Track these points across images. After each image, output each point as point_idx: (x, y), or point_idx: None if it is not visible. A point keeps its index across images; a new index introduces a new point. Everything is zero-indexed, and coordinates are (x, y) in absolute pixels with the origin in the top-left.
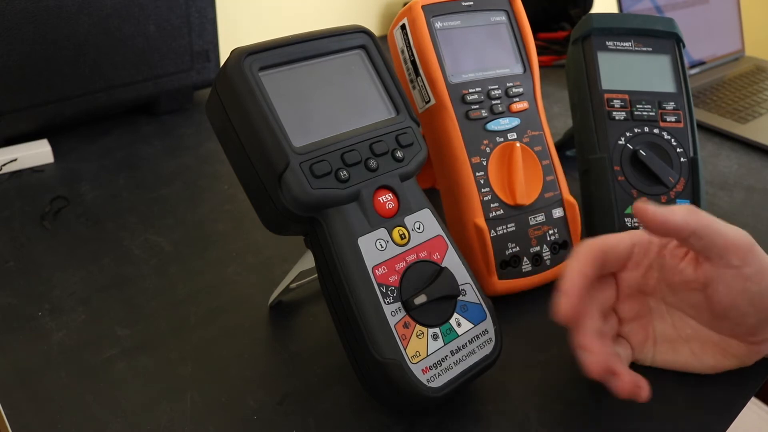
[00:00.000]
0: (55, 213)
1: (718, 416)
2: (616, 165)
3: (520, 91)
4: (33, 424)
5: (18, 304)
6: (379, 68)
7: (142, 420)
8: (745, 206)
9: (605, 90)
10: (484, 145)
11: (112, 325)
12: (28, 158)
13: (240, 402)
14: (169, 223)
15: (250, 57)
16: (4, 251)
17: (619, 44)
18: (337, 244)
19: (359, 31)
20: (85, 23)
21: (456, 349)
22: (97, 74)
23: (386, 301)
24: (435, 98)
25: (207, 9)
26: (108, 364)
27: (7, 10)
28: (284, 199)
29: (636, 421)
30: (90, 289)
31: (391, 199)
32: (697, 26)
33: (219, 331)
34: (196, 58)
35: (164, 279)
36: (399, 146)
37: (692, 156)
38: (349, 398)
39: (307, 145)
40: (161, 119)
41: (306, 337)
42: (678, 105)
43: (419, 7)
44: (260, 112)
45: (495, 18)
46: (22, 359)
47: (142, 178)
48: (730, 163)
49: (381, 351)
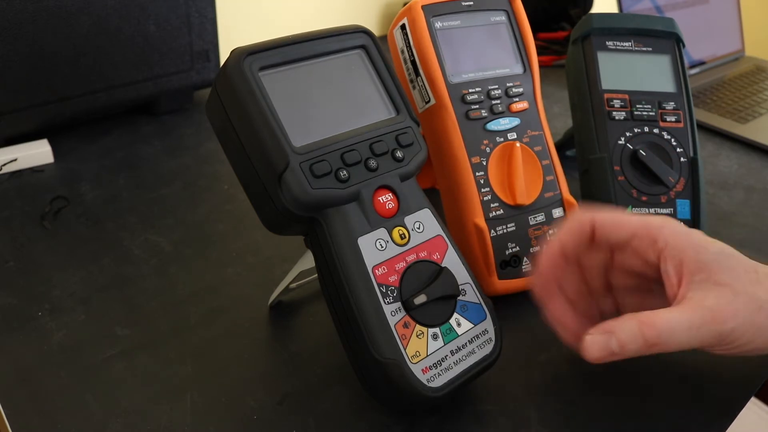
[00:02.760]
0: (55, 213)
1: (718, 416)
2: (616, 165)
3: (520, 91)
4: (33, 424)
5: (18, 304)
6: (379, 68)
7: (142, 420)
8: (745, 206)
9: (605, 90)
10: (484, 145)
11: (112, 325)
12: (28, 158)
13: (240, 402)
14: (169, 223)
15: (250, 57)
16: (4, 251)
17: (619, 44)
18: (337, 244)
19: (359, 31)
20: (85, 23)
21: (456, 349)
22: (97, 74)
23: (386, 301)
24: (435, 98)
25: (207, 9)
26: (108, 364)
27: (7, 10)
28: (284, 199)
29: (636, 420)
30: (90, 289)
31: (391, 199)
32: (697, 26)
33: (219, 331)
34: (196, 58)
35: (164, 279)
36: (399, 146)
37: (692, 156)
38: (349, 398)
39: (307, 145)
40: (161, 119)
41: (306, 337)
42: (678, 105)
43: (419, 7)
44: (260, 112)
45: (495, 18)
46: (22, 359)
47: (142, 178)
48: (730, 163)
49: (381, 351)
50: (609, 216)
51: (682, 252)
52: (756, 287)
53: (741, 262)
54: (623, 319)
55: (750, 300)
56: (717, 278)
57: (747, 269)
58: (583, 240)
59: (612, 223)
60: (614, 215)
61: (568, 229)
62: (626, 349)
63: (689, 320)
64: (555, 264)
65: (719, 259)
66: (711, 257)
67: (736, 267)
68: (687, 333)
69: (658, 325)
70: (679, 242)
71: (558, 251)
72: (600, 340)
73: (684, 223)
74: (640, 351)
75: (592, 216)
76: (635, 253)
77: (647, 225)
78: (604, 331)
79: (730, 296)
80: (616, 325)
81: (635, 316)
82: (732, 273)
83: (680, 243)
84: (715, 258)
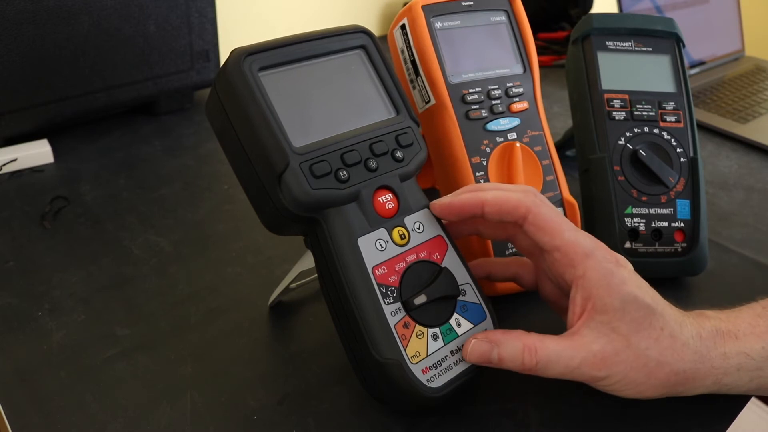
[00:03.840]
0: (55, 213)
1: (718, 416)
2: (616, 165)
3: (520, 91)
4: (33, 424)
5: (18, 304)
6: (379, 68)
7: (142, 420)
8: (745, 206)
9: (605, 90)
10: (484, 145)
11: (112, 325)
12: (28, 158)
13: (240, 402)
14: (169, 223)
15: (250, 57)
16: (4, 251)
17: (619, 44)
18: (337, 244)
19: (359, 31)
20: (85, 23)
21: (456, 349)
22: (97, 74)
23: (386, 301)
24: (435, 98)
25: (207, 9)
26: (108, 364)
27: (7, 10)
28: (284, 199)
29: (636, 420)
30: (90, 289)
31: (390, 199)
32: (697, 26)
33: (219, 331)
34: (196, 58)
35: (164, 279)
36: (399, 146)
37: (692, 156)
38: (349, 398)
39: (307, 145)
40: (161, 119)
41: (306, 337)
42: (678, 105)
43: (419, 7)
44: (260, 112)
45: (495, 18)
46: (22, 359)
47: (142, 178)
48: (730, 163)
49: (381, 351)
50: (547, 216)
51: (595, 288)
52: (651, 344)
53: (649, 315)
54: (510, 337)
55: (638, 356)
56: (615, 325)
57: (653, 324)
58: (508, 218)
59: (545, 225)
60: (553, 217)
61: (498, 201)
62: (504, 364)
63: (569, 357)
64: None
65: (626, 307)
66: (618, 304)
67: (641, 320)
68: (563, 368)
69: (539, 354)
70: (595, 278)
71: (478, 208)
72: (483, 348)
73: (684, 223)
74: (517, 370)
75: (529, 207)
76: (553, 262)
77: (575, 246)
78: (490, 340)
79: (619, 347)
80: (503, 340)
81: (522, 338)
82: (633, 325)
83: (596, 279)
84: (621, 306)
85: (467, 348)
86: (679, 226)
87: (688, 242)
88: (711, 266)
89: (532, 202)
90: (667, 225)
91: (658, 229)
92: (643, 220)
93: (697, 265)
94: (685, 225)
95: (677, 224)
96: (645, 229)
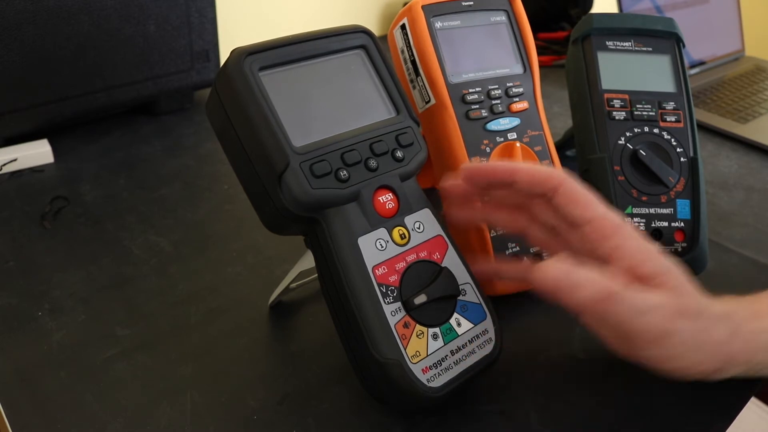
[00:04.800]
0: (55, 213)
1: (718, 416)
2: (616, 165)
3: (520, 91)
4: (33, 424)
5: (18, 304)
6: (379, 68)
7: (142, 420)
8: (745, 206)
9: (605, 90)
10: (484, 145)
11: (112, 325)
12: (28, 158)
13: (240, 402)
14: (169, 223)
15: (250, 57)
16: (4, 251)
17: (619, 44)
18: (337, 244)
19: (359, 31)
20: (85, 23)
21: (456, 349)
22: (97, 74)
23: (386, 301)
24: (435, 98)
25: (207, 9)
26: (108, 364)
27: (7, 10)
28: (284, 199)
29: (636, 420)
30: (90, 289)
31: (391, 199)
32: (697, 26)
33: (219, 331)
34: (196, 58)
35: (164, 279)
36: (399, 146)
37: (692, 156)
38: (349, 398)
39: (307, 145)
40: (161, 119)
41: (306, 337)
42: (678, 105)
43: (419, 7)
44: (260, 112)
45: (495, 18)
46: (22, 359)
47: (142, 178)
48: (730, 163)
49: (381, 351)
50: (579, 189)
51: (638, 256)
52: (703, 304)
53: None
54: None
55: (697, 314)
56: (674, 283)
57: (694, 294)
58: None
59: (578, 198)
60: (584, 191)
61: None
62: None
63: (657, 305)
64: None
65: (671, 272)
66: (665, 269)
67: (685, 282)
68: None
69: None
70: (634, 247)
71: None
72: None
73: (684, 223)
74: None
75: (561, 180)
76: (584, 236)
77: (606, 220)
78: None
79: (686, 302)
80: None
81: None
82: (686, 285)
83: (635, 248)
84: (667, 271)
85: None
86: (679, 226)
87: (688, 242)
88: (711, 266)
89: (563, 176)
90: (667, 225)
91: (658, 229)
92: (643, 220)
93: (697, 265)
94: (685, 225)
95: (677, 224)
96: (645, 228)
